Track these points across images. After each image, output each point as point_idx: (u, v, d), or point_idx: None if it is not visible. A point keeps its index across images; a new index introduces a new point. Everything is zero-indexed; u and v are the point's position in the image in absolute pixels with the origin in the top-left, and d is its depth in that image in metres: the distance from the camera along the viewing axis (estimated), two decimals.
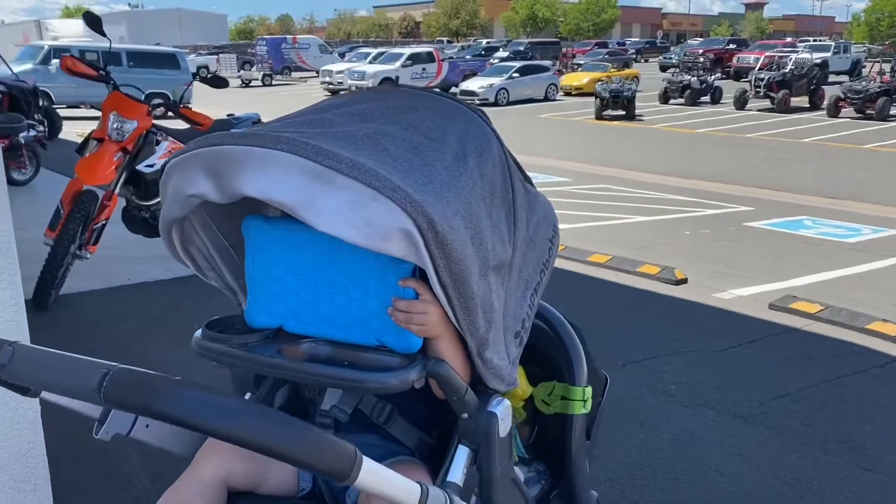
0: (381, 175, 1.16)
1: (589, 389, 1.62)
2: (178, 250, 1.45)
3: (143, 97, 5.09)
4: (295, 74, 37.63)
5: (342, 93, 1.55)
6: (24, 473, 2.09)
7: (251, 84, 34.06)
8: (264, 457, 1.42)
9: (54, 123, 13.57)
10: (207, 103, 17.11)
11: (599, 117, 18.92)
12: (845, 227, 7.66)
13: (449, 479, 1.34)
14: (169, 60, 20.60)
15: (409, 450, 1.47)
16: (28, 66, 17.54)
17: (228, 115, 6.16)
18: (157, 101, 5.69)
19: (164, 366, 3.77)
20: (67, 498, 2.26)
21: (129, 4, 79.01)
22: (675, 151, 13.47)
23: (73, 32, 37.61)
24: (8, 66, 14.33)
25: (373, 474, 1.01)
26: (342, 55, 38.56)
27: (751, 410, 3.60)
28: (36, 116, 11.89)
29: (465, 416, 1.36)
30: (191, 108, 5.28)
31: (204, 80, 5.63)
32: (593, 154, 13.11)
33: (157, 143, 5.08)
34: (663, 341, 4.51)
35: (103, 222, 4.91)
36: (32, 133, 9.01)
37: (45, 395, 1.27)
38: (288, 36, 43.84)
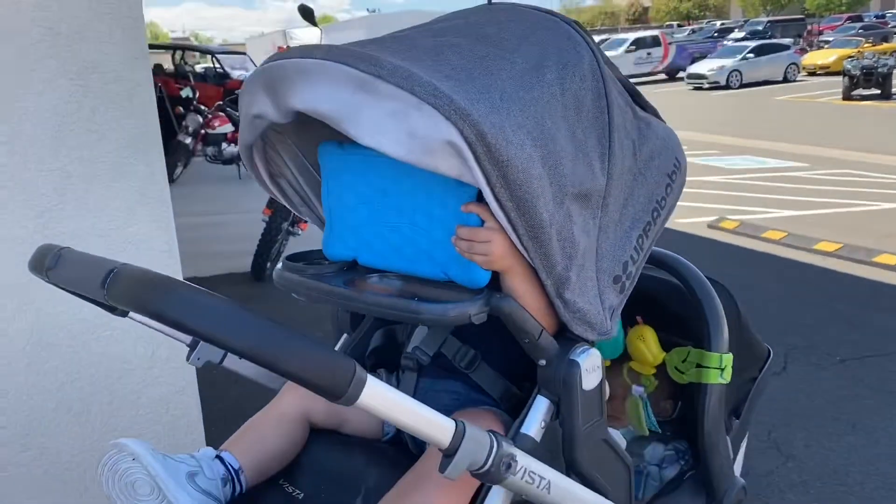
0: (424, 80, 1.03)
1: (728, 357, 1.36)
2: (265, 181, 1.42)
3: None
4: None
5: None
6: (181, 410, 2.22)
7: None
8: None
9: None
10: None
11: (848, 97, 16.92)
12: None
13: (522, 430, 1.18)
14: None
15: (492, 400, 1.34)
16: None
17: None
18: None
19: None
20: (215, 438, 2.35)
21: (368, 10, 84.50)
22: None
23: (312, 38, 41.03)
24: None
25: (381, 398, 0.88)
26: None
27: None
28: None
29: (543, 362, 1.20)
30: None
31: None
32: (836, 137, 11.69)
33: None
34: None
35: None
36: None
37: (132, 315, 1.30)
38: None
